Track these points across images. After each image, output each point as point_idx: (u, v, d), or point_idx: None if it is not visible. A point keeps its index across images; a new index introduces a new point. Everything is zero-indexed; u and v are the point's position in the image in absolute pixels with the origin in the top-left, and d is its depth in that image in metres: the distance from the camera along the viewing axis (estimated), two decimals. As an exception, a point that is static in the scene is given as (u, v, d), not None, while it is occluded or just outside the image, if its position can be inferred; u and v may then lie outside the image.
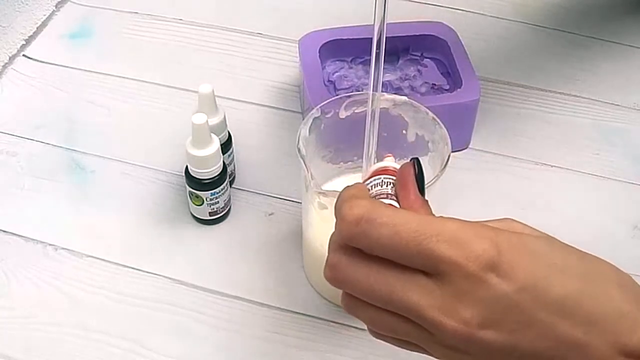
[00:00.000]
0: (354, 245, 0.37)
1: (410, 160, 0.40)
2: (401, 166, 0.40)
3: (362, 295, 0.37)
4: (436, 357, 0.38)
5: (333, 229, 0.41)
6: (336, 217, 0.38)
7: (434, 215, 0.39)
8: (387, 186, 0.41)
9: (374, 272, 0.36)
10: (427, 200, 0.39)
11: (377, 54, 0.52)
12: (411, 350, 0.39)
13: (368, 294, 0.37)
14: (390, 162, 0.43)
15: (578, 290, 0.35)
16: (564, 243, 0.38)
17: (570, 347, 0.35)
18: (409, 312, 0.36)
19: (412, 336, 0.37)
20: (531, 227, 0.38)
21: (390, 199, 0.40)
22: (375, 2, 0.51)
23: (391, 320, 0.37)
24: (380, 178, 0.41)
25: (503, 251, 0.35)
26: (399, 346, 0.40)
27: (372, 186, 0.41)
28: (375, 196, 0.40)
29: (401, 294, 0.36)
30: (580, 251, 0.38)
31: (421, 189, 0.39)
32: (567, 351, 0.35)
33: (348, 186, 0.40)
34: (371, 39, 0.73)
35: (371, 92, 0.52)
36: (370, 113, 0.53)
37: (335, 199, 0.39)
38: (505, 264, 0.35)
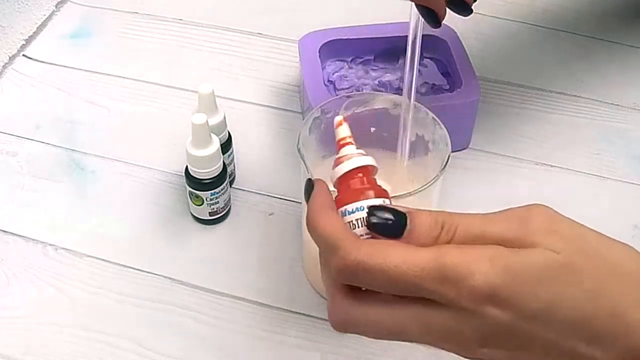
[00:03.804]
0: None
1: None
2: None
3: (367, 336, 0.39)
4: None
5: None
6: (323, 255, 0.39)
7: (434, 223, 0.38)
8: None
9: (371, 315, 0.37)
10: (420, 216, 0.38)
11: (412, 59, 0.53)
12: None
13: (373, 337, 0.38)
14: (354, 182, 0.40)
15: (585, 313, 0.35)
16: (592, 246, 0.36)
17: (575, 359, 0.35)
18: (412, 341, 0.37)
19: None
20: (562, 221, 0.37)
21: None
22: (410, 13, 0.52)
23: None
24: (363, 209, 0.39)
25: (499, 283, 0.34)
26: None
27: (356, 223, 0.39)
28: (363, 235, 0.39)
29: (401, 330, 0.37)
30: (609, 256, 0.36)
31: (394, 232, 0.37)
32: None
33: (319, 216, 0.39)
34: (371, 38, 0.73)
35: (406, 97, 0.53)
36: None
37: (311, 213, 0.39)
38: (503, 294, 0.34)
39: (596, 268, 0.36)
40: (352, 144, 0.42)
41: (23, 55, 0.82)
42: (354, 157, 0.41)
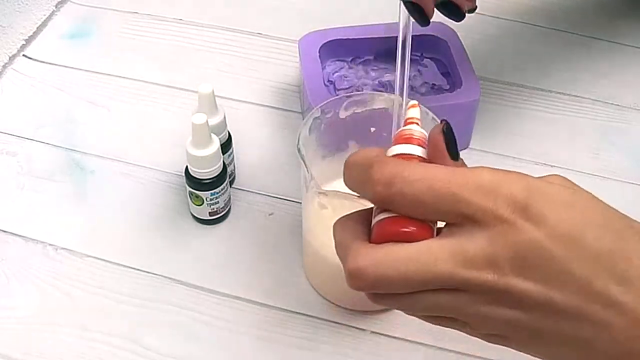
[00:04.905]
0: (389, 208, 0.37)
1: (441, 122, 0.39)
2: (430, 134, 0.39)
3: (397, 288, 0.37)
4: (478, 330, 0.38)
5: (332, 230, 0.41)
6: (357, 184, 0.38)
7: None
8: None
9: (402, 260, 0.36)
10: (462, 161, 0.39)
11: (403, 55, 0.52)
12: (447, 326, 0.39)
13: (403, 284, 0.36)
14: (415, 128, 0.40)
15: (613, 247, 0.35)
16: (609, 206, 0.37)
17: (607, 306, 0.35)
18: (445, 282, 0.36)
19: (448, 308, 0.37)
20: (578, 188, 0.38)
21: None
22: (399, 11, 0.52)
23: (425, 301, 0.37)
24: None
25: (534, 196, 0.35)
26: (434, 323, 0.39)
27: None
28: None
29: (433, 266, 0.35)
30: (624, 215, 0.37)
31: (454, 154, 0.39)
32: (603, 310, 0.35)
33: (358, 151, 0.39)
34: (371, 39, 0.73)
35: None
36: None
37: (348, 163, 0.39)
38: (536, 209, 0.35)
39: (618, 219, 0.37)
40: (418, 124, 0.41)
41: (23, 55, 0.82)
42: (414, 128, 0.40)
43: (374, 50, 0.74)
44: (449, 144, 0.38)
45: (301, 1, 0.87)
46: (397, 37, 0.53)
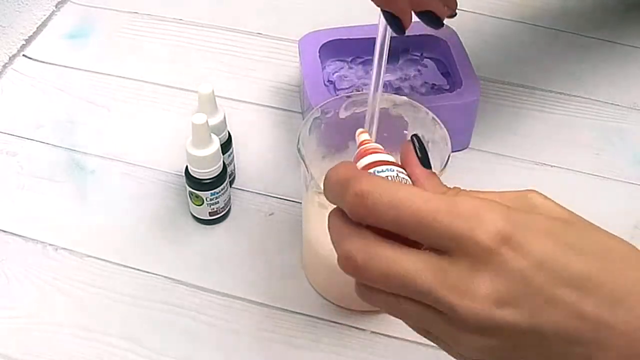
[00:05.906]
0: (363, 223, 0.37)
1: (410, 138, 0.40)
2: (402, 146, 0.40)
3: (378, 282, 0.36)
4: (463, 353, 0.37)
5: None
6: (336, 198, 0.38)
7: (443, 185, 0.39)
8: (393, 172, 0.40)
9: (388, 254, 0.36)
10: (434, 173, 0.39)
11: (380, 56, 0.52)
12: (433, 342, 0.38)
13: (383, 281, 0.36)
14: (381, 155, 0.41)
15: (597, 268, 0.34)
16: (585, 224, 0.37)
17: (599, 329, 0.34)
18: (424, 296, 0.35)
19: (429, 324, 0.37)
20: (552, 202, 0.38)
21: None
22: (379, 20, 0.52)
23: (407, 307, 0.37)
24: (393, 170, 0.40)
25: (516, 226, 0.34)
26: (422, 335, 0.39)
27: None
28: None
29: (415, 275, 0.35)
30: (602, 233, 0.37)
31: (425, 163, 0.39)
32: (594, 332, 0.34)
33: (338, 166, 0.39)
34: (371, 38, 0.73)
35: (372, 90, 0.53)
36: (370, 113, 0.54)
37: (325, 179, 0.39)
38: (519, 239, 0.34)
39: (596, 241, 0.36)
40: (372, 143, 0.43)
41: (23, 55, 0.82)
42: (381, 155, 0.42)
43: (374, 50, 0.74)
44: (420, 154, 0.39)
45: (301, 1, 0.87)
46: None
